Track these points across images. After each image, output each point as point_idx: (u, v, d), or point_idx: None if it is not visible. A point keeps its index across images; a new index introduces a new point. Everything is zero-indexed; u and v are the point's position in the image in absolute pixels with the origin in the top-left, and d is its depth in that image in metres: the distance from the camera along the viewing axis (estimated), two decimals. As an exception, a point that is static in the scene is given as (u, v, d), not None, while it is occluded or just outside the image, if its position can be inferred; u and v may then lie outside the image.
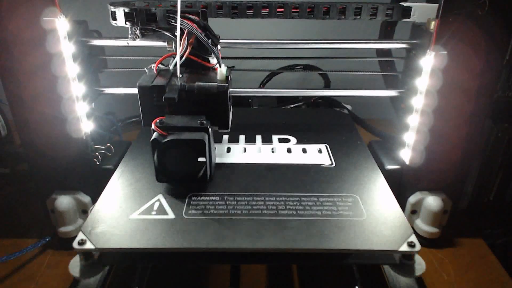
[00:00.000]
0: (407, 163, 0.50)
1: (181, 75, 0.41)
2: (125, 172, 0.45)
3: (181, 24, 0.39)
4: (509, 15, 0.41)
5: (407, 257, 0.37)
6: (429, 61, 0.44)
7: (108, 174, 0.44)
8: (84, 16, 0.50)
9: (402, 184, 0.51)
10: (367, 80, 0.66)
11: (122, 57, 0.54)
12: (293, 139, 0.54)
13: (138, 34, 0.42)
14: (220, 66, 0.41)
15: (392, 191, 0.42)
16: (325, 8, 0.48)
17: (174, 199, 0.40)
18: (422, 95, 0.46)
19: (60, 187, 0.49)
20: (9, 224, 0.56)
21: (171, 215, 0.38)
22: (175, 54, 0.41)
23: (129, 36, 0.42)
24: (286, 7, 0.48)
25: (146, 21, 0.40)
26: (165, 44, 0.52)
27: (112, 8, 0.41)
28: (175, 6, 0.39)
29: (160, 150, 0.39)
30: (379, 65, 0.62)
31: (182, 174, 0.41)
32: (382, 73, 0.60)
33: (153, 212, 0.39)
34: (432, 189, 0.50)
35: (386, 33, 0.59)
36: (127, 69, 0.56)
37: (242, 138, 0.54)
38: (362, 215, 0.39)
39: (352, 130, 0.57)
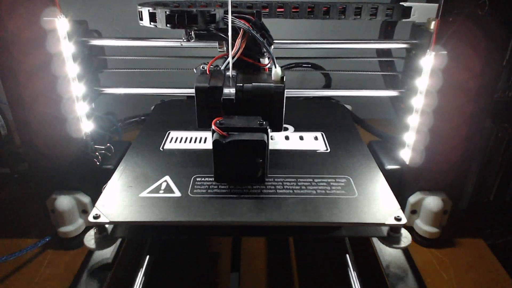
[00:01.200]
0: (407, 163, 0.50)
1: (234, 76, 0.41)
2: (134, 156, 0.48)
3: (238, 24, 0.39)
4: (509, 15, 0.41)
5: (394, 230, 0.40)
6: (429, 61, 0.44)
7: (108, 174, 0.45)
8: (84, 16, 0.50)
9: (402, 184, 0.51)
10: (367, 80, 0.66)
11: (122, 57, 0.54)
12: (290, 128, 0.56)
13: (193, 35, 0.42)
14: (275, 67, 0.41)
15: (392, 191, 0.43)
16: (325, 8, 0.48)
17: (180, 180, 0.43)
18: (422, 95, 0.46)
19: (60, 187, 0.49)
20: (9, 224, 0.56)
21: (177, 193, 0.41)
22: (226, 55, 0.41)
23: (184, 38, 0.42)
24: (286, 7, 0.48)
25: (205, 23, 0.39)
26: (164, 44, 0.52)
27: (168, 11, 0.39)
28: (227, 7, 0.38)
29: (221, 151, 0.40)
30: (379, 65, 0.62)
31: (241, 174, 0.42)
32: (382, 73, 0.60)
33: (161, 191, 0.41)
34: (432, 189, 0.50)
35: (386, 33, 0.59)
36: (127, 69, 0.56)
37: None
38: (354, 193, 0.42)
39: (346, 119, 0.60)
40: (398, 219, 0.38)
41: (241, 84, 0.40)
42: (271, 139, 0.53)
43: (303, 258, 0.52)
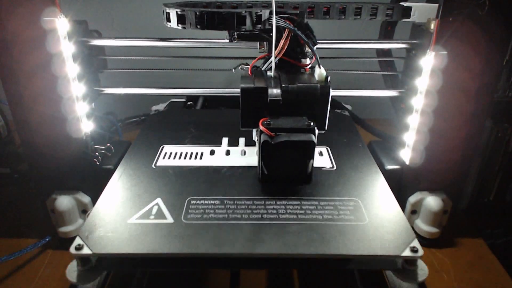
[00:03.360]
0: (407, 163, 0.50)
1: (276, 76, 0.41)
2: (124, 175, 0.45)
3: (283, 25, 0.39)
4: (509, 15, 0.41)
5: (410, 262, 0.36)
6: (429, 61, 0.44)
7: (108, 174, 0.44)
8: (84, 16, 0.50)
9: (402, 184, 0.51)
10: (367, 80, 0.66)
11: (122, 57, 0.54)
12: None
13: (236, 36, 0.42)
14: (319, 67, 0.41)
15: (392, 191, 0.42)
16: (325, 8, 0.48)
17: (173, 202, 0.40)
18: (422, 95, 0.46)
19: (60, 187, 0.49)
20: (9, 224, 0.56)
21: (169, 219, 0.38)
22: (268, 55, 0.41)
23: (227, 39, 0.42)
24: (286, 7, 0.48)
25: (253, 24, 0.39)
26: (164, 44, 0.52)
27: (217, 13, 0.39)
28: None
29: (270, 151, 0.39)
30: (379, 65, 0.62)
31: (288, 174, 0.41)
32: (382, 73, 0.60)
33: (152, 216, 0.38)
34: (432, 189, 0.50)
35: (386, 33, 0.59)
36: (127, 69, 0.56)
37: (242, 140, 0.53)
38: (364, 219, 0.38)
39: (353, 132, 0.57)
40: (414, 250, 0.34)
41: (287, 85, 0.40)
42: None
43: None
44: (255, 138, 0.48)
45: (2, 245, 0.52)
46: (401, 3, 0.49)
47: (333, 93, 0.69)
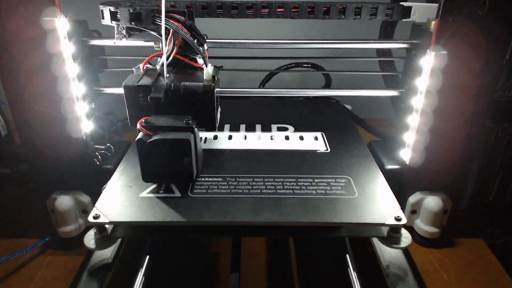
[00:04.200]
0: (407, 163, 0.50)
1: (168, 75, 0.41)
2: (135, 156, 0.46)
3: (166, 24, 0.39)
4: (509, 15, 0.41)
5: (394, 230, 0.40)
6: (429, 61, 0.44)
7: (108, 174, 0.45)
8: (84, 16, 0.50)
9: (402, 184, 0.51)
10: (367, 80, 0.66)
11: (122, 57, 0.54)
12: (291, 128, 0.56)
13: (125, 33, 0.42)
14: (206, 66, 0.41)
15: (392, 191, 0.43)
16: (325, 8, 0.48)
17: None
18: (422, 95, 0.46)
19: (60, 187, 0.49)
20: (9, 224, 0.56)
21: (177, 193, 0.41)
22: (162, 54, 0.41)
23: (116, 36, 0.42)
24: (286, 7, 0.48)
25: (131, 20, 0.40)
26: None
27: (101, 7, 0.41)
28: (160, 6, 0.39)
29: (145, 150, 0.39)
30: (379, 65, 0.62)
31: (168, 174, 0.41)
32: (382, 73, 0.60)
33: (161, 191, 0.41)
34: (432, 189, 0.50)
35: (386, 33, 0.59)
36: (127, 69, 0.56)
37: (243, 126, 0.56)
38: (354, 193, 0.42)
39: (346, 120, 0.61)
40: (398, 219, 0.38)
41: (170, 84, 0.40)
42: (271, 139, 0.53)
43: (303, 258, 0.52)
44: None
45: (2, 245, 0.52)
46: (401, 3, 0.49)
47: (333, 93, 0.69)
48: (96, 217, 0.38)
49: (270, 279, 0.49)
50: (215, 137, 0.53)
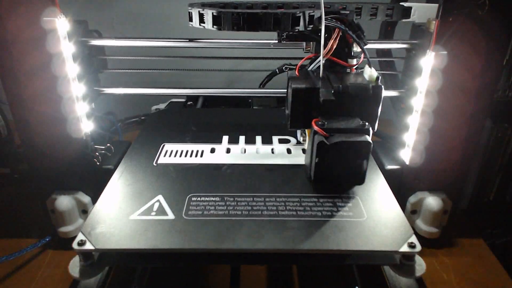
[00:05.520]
0: (407, 163, 0.50)
1: (325, 77, 0.41)
2: (125, 172, 0.45)
3: (335, 25, 0.39)
4: (509, 15, 0.41)
5: (408, 257, 0.37)
6: (429, 61, 0.44)
7: (108, 174, 0.44)
8: (84, 16, 0.50)
9: (402, 184, 0.51)
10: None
11: (122, 57, 0.54)
12: (293, 140, 0.53)
13: (285, 36, 0.42)
14: (370, 67, 0.41)
15: (392, 191, 0.42)
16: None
17: (174, 199, 0.40)
18: (422, 95, 0.46)
19: (60, 187, 0.49)
20: (9, 224, 0.56)
21: (171, 215, 0.38)
22: (313, 56, 0.42)
23: (275, 39, 0.42)
24: (286, 7, 0.48)
25: (308, 24, 0.40)
26: (164, 44, 0.52)
27: (274, 15, 0.40)
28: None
29: (325, 152, 0.38)
30: (379, 65, 0.62)
31: (342, 176, 0.41)
32: (382, 73, 0.60)
33: (153, 213, 0.38)
34: (432, 189, 0.50)
35: (386, 33, 0.59)
36: (127, 69, 0.56)
37: (242, 138, 0.53)
38: (363, 215, 0.39)
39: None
40: (412, 245, 0.35)
41: (339, 85, 0.39)
42: (272, 152, 0.50)
43: (308, 287, 0.49)
44: (300, 138, 0.49)
45: (2, 245, 0.52)
46: (401, 3, 0.49)
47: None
48: (81, 244, 0.34)
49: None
50: (212, 150, 0.50)
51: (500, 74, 0.54)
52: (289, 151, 0.51)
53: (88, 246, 0.34)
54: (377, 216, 0.38)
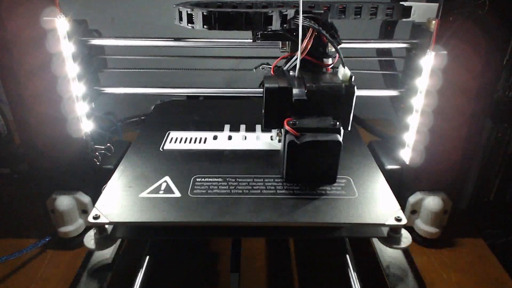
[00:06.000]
0: (407, 163, 0.50)
1: (299, 76, 0.41)
2: (134, 157, 0.48)
3: (309, 25, 0.39)
4: (509, 15, 0.41)
5: (394, 230, 0.40)
6: (429, 61, 0.44)
7: (108, 174, 0.45)
8: (84, 16, 0.50)
9: (402, 184, 0.51)
10: (367, 80, 0.66)
11: (122, 57, 0.54)
12: None
13: (259, 36, 0.42)
14: (344, 67, 0.41)
15: (392, 191, 0.43)
16: (325, 8, 0.48)
17: (180, 180, 0.43)
18: (422, 95, 0.46)
19: (60, 187, 0.49)
20: (9, 224, 0.56)
21: (177, 194, 0.41)
22: (289, 56, 0.42)
23: (252, 39, 0.42)
24: (286, 7, 0.48)
25: (282, 23, 0.40)
26: (164, 43, 0.52)
27: (245, 13, 0.40)
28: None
29: (295, 151, 0.39)
30: (379, 65, 0.62)
31: (312, 175, 0.42)
32: (382, 73, 0.60)
33: (161, 191, 0.41)
34: (432, 189, 0.50)
35: (386, 32, 0.59)
36: (127, 69, 0.56)
37: (243, 127, 0.56)
38: (354, 194, 0.42)
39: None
40: (398, 219, 0.38)
41: (311, 84, 0.40)
42: (271, 139, 0.53)
43: (303, 258, 0.52)
44: (274, 138, 0.51)
45: (2, 245, 0.52)
46: (401, 3, 0.49)
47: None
48: (96, 218, 0.38)
49: (270, 279, 0.49)
50: (215, 137, 0.53)
51: (500, 74, 0.54)
52: None
53: (103, 219, 0.38)
54: (367, 194, 0.42)
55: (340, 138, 0.39)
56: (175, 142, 0.52)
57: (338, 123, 0.40)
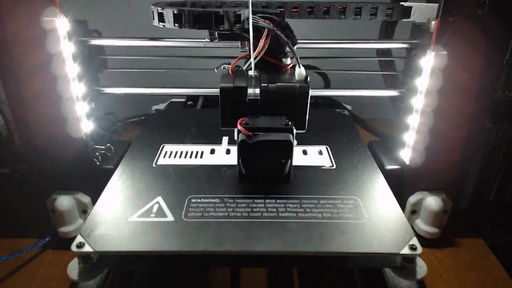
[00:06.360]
0: (407, 163, 0.50)
1: (257, 76, 0.41)
2: (124, 174, 0.45)
3: (262, 24, 0.39)
4: (509, 15, 0.41)
5: (409, 259, 0.36)
6: (429, 61, 0.44)
7: (108, 174, 0.44)
8: (84, 16, 0.50)
9: (402, 184, 0.51)
10: (367, 80, 0.66)
11: (122, 57, 0.54)
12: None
13: (216, 35, 0.42)
14: (299, 67, 0.41)
15: (392, 191, 0.42)
16: (325, 8, 0.48)
17: (173, 201, 0.40)
18: (422, 95, 0.46)
19: (60, 187, 0.49)
20: (9, 224, 0.56)
21: (170, 217, 0.38)
22: (249, 55, 0.41)
23: (207, 38, 0.42)
24: (286, 7, 0.48)
25: (231, 23, 0.40)
26: (164, 44, 0.52)
27: (195, 13, 0.40)
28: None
29: (247, 151, 0.39)
30: (379, 65, 0.62)
31: (266, 174, 0.41)
32: (382, 73, 0.60)
33: (152, 215, 0.38)
34: (432, 189, 0.50)
35: (386, 33, 0.59)
36: (127, 69, 0.56)
37: None
38: (363, 217, 0.38)
39: (352, 131, 0.57)
40: (413, 248, 0.35)
41: (266, 84, 0.40)
42: None
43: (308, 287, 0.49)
44: (236, 138, 0.49)
45: (2, 245, 0.52)
46: (401, 3, 0.49)
47: (333, 93, 0.69)
48: (79, 246, 0.34)
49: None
50: (212, 151, 0.50)
51: (500, 74, 0.54)
52: None
53: (87, 248, 0.34)
54: (377, 217, 0.38)
55: (292, 138, 0.39)
56: (169, 156, 0.48)
57: (290, 122, 0.40)
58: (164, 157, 0.48)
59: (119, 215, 0.38)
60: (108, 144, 0.51)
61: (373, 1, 0.49)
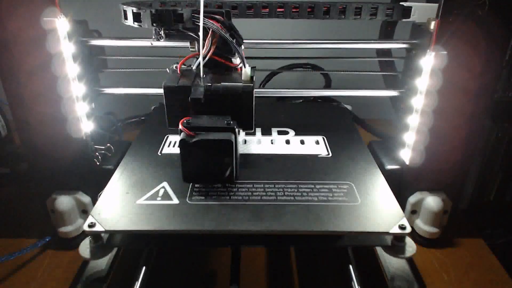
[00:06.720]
0: (407, 163, 0.50)
1: (204, 76, 0.41)
2: (132, 161, 0.47)
3: (206, 24, 0.39)
4: (509, 15, 0.41)
5: (399, 239, 0.39)
6: (429, 61, 0.44)
7: (108, 174, 0.45)
8: (84, 16, 0.50)
9: (402, 184, 0.51)
10: (367, 80, 0.66)
11: (122, 57, 0.54)
12: (291, 132, 0.55)
13: (162, 34, 0.42)
14: (244, 66, 0.41)
15: (392, 191, 0.43)
16: (325, 8, 0.48)
17: (178, 186, 0.42)
18: (422, 95, 0.46)
19: (60, 187, 0.49)
20: (9, 224, 0.56)
21: (175, 200, 0.40)
22: (198, 55, 0.41)
23: (153, 37, 0.42)
24: (286, 7, 0.48)
25: (173, 22, 0.40)
26: (164, 44, 0.52)
27: (135, 10, 0.41)
28: (198, 6, 0.39)
29: (187, 150, 0.39)
30: (379, 65, 0.62)
31: (209, 174, 0.42)
32: (382, 73, 0.60)
33: (158, 198, 0.40)
34: (432, 189, 0.50)
35: (386, 33, 0.59)
36: (127, 69, 0.56)
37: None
38: (357, 200, 0.41)
39: (348, 123, 0.59)
40: (402, 227, 0.37)
41: (210, 84, 0.40)
42: (272, 143, 0.52)
43: (305, 269, 0.50)
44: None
45: (2, 245, 0.52)
46: (401, 3, 0.49)
47: (333, 93, 0.69)
48: (91, 226, 0.37)
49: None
50: None
51: (500, 74, 0.54)
52: (287, 142, 0.53)
53: (98, 227, 0.36)
54: (370, 200, 0.40)
55: (233, 137, 0.39)
56: (173, 146, 0.51)
57: (232, 122, 0.40)
58: (168, 146, 0.51)
59: (128, 198, 0.40)
60: (108, 144, 0.51)
61: (373, 1, 0.49)
